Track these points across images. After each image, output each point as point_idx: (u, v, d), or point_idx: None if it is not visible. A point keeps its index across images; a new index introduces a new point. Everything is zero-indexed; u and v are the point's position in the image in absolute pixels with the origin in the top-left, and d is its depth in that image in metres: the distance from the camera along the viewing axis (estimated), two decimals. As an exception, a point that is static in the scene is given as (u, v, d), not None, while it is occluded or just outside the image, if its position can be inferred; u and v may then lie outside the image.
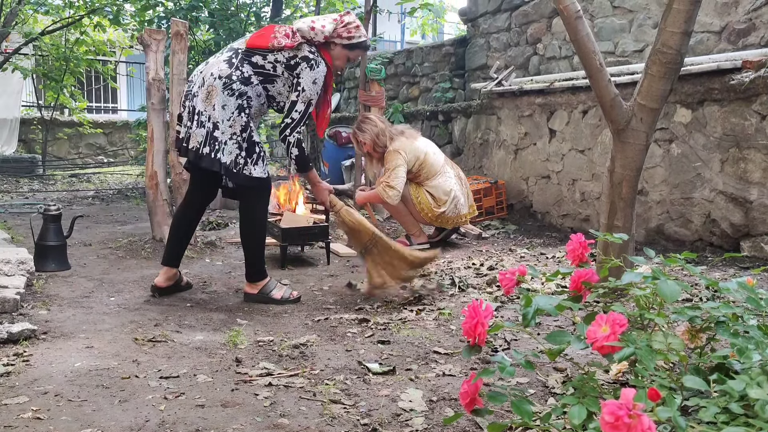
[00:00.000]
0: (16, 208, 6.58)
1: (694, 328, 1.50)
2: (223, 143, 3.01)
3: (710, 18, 4.52)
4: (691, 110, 4.15)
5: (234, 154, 3.03)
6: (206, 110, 3.02)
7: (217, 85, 3.01)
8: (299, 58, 3.09)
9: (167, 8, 7.87)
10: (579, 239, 1.56)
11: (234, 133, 3.03)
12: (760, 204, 3.76)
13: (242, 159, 3.04)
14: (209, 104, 3.02)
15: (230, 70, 3.04)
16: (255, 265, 3.24)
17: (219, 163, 3.00)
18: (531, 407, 1.30)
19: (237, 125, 3.04)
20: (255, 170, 3.08)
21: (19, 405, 1.92)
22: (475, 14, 7.15)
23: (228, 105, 3.02)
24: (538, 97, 5.48)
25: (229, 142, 3.02)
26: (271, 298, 3.23)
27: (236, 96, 3.03)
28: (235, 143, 3.03)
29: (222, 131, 3.01)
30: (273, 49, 3.09)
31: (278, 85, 3.14)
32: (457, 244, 4.84)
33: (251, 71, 3.08)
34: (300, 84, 3.09)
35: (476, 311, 1.35)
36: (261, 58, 3.09)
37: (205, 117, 3.01)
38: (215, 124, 3.00)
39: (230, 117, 3.02)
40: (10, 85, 11.32)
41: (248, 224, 3.25)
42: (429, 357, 2.42)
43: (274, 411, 1.92)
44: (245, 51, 3.12)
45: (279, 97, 3.17)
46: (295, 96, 3.11)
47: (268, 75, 3.11)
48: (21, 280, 3.16)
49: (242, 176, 3.06)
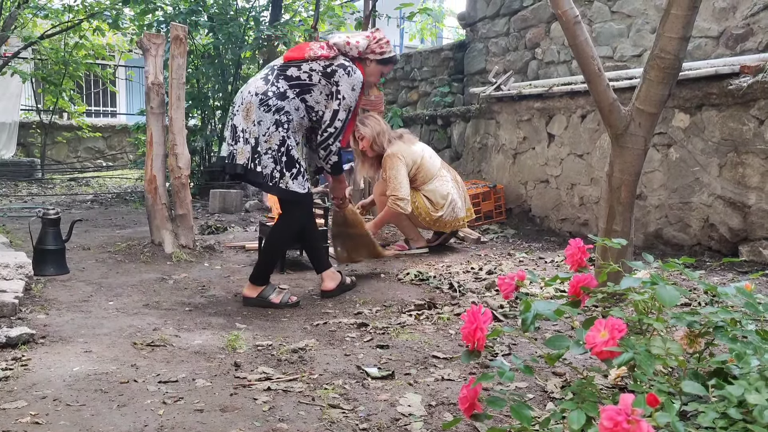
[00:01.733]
0: (14, 212, 6.57)
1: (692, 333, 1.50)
2: (260, 157, 3.11)
3: (708, 23, 4.53)
4: (689, 115, 4.17)
5: (270, 168, 3.11)
6: (248, 127, 3.11)
7: (254, 102, 3.11)
8: (336, 66, 3.17)
9: (166, 12, 7.89)
10: (578, 244, 1.57)
11: (269, 148, 3.11)
12: (759, 208, 3.76)
13: (278, 173, 3.12)
14: (249, 121, 3.11)
15: (266, 87, 3.13)
16: (261, 270, 3.30)
17: (259, 174, 3.12)
18: (530, 412, 1.30)
19: (273, 140, 3.11)
20: (292, 184, 3.15)
21: (18, 409, 1.92)
22: (474, 19, 7.17)
23: (264, 120, 3.10)
24: (537, 101, 5.49)
25: (264, 156, 3.11)
26: (269, 302, 3.25)
27: (272, 111, 3.10)
28: (270, 157, 3.11)
29: (260, 146, 3.10)
30: (308, 59, 3.17)
31: (315, 94, 3.19)
32: (455, 249, 4.84)
33: (286, 85, 3.15)
34: (340, 92, 3.17)
35: (475, 316, 1.36)
36: (296, 69, 3.17)
37: (248, 134, 3.11)
38: (256, 139, 3.10)
39: (266, 132, 3.10)
40: (9, 89, 11.33)
41: (275, 234, 3.37)
42: (428, 361, 2.42)
43: (272, 415, 1.92)
44: (281, 66, 3.21)
45: (317, 106, 3.22)
46: (336, 105, 3.18)
47: (304, 85, 3.17)
48: (19, 284, 3.15)
49: (279, 189, 3.15)
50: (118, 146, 12.84)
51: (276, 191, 3.17)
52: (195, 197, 7.32)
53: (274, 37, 7.65)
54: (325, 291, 3.45)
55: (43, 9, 9.50)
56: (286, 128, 3.13)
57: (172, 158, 4.42)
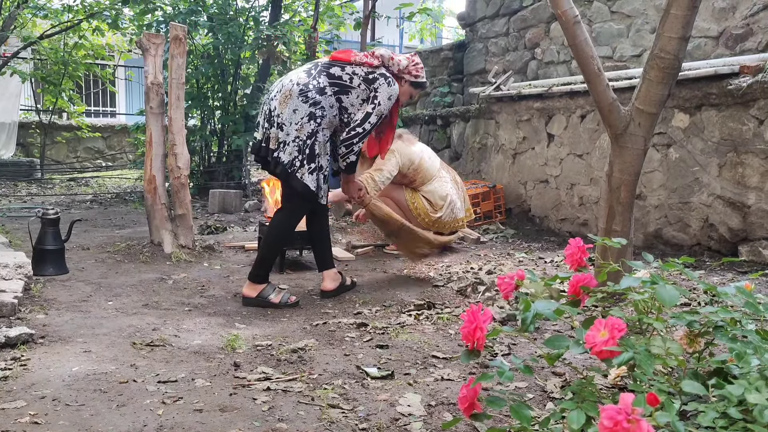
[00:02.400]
0: (14, 212, 6.57)
1: (692, 332, 1.50)
2: (286, 144, 3.16)
3: (708, 23, 4.53)
4: (689, 115, 4.17)
5: (293, 155, 3.16)
6: (283, 113, 3.17)
7: (294, 90, 3.18)
8: (378, 74, 3.27)
9: (166, 12, 7.88)
10: (577, 244, 1.56)
11: (297, 137, 3.16)
12: (758, 208, 3.76)
13: (299, 162, 3.16)
14: (285, 107, 3.17)
15: (308, 79, 3.21)
16: (261, 267, 3.31)
17: (278, 161, 3.16)
18: (530, 412, 1.30)
19: (304, 130, 3.16)
20: (307, 178, 3.18)
21: (17, 409, 1.91)
22: (474, 19, 7.17)
23: (299, 110, 3.16)
24: (537, 101, 5.49)
25: (291, 143, 3.16)
26: (268, 302, 3.26)
27: (309, 103, 3.16)
28: (296, 146, 3.16)
29: (287, 133, 3.16)
30: (353, 63, 3.28)
31: (352, 97, 3.26)
32: (455, 249, 4.84)
33: (327, 82, 3.22)
34: (377, 97, 3.25)
35: (475, 316, 1.35)
36: (339, 69, 3.26)
37: (280, 119, 3.18)
38: (288, 125, 3.16)
39: (299, 121, 3.16)
40: (9, 89, 11.32)
41: (275, 227, 3.37)
42: (427, 361, 2.42)
43: (272, 415, 1.91)
44: (325, 63, 3.31)
45: (351, 108, 3.28)
46: (371, 108, 3.25)
47: (344, 86, 3.24)
48: (19, 284, 3.15)
49: (294, 178, 3.18)
50: (118, 146, 12.83)
51: (293, 180, 3.18)
52: (194, 197, 7.32)
53: (273, 37, 7.65)
54: (325, 291, 3.45)
55: (42, 9, 9.49)
56: (318, 122, 3.19)
57: (172, 158, 4.42)
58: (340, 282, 3.48)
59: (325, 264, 3.50)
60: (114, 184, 10.05)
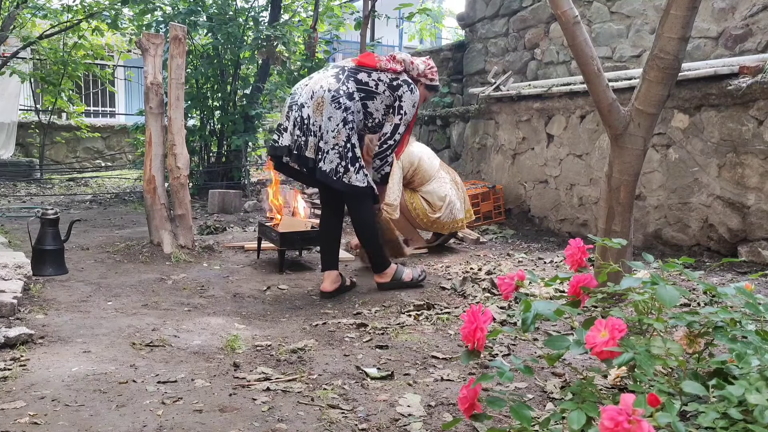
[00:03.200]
0: (13, 212, 6.57)
1: (692, 333, 1.50)
2: (325, 152, 3.25)
3: (707, 24, 4.53)
4: (688, 115, 4.17)
5: (334, 163, 3.25)
6: (317, 120, 3.25)
7: (326, 98, 3.25)
8: (401, 81, 3.38)
9: (165, 13, 7.88)
10: (578, 244, 1.56)
11: (336, 144, 3.25)
12: (758, 209, 3.77)
13: (342, 168, 3.26)
14: (319, 114, 3.25)
15: (338, 85, 3.29)
16: (378, 258, 3.49)
17: (320, 171, 3.26)
18: (530, 412, 1.30)
19: (341, 136, 3.25)
20: (354, 179, 3.29)
21: (16, 410, 1.91)
22: (473, 19, 7.17)
23: (334, 117, 3.24)
24: (536, 102, 5.49)
25: (330, 151, 3.25)
26: (402, 282, 3.51)
27: (342, 109, 3.25)
28: (337, 153, 3.25)
29: (325, 141, 3.24)
30: (378, 69, 3.38)
31: (377, 103, 3.36)
32: (455, 249, 4.84)
33: (354, 87, 3.32)
34: (402, 107, 3.37)
35: (475, 316, 1.35)
36: (366, 75, 3.36)
37: (316, 127, 3.25)
38: (322, 134, 3.24)
39: (335, 128, 3.24)
40: (8, 89, 11.31)
41: (360, 227, 3.49)
42: (427, 362, 2.42)
43: (272, 416, 1.91)
44: (352, 68, 3.40)
45: (375, 113, 3.38)
46: (398, 119, 3.38)
47: (370, 92, 3.35)
48: (18, 284, 3.15)
49: (342, 183, 3.28)
50: (117, 146, 12.82)
51: (340, 185, 3.28)
52: (194, 197, 7.32)
53: (273, 37, 7.65)
54: (324, 291, 3.47)
55: (42, 9, 9.48)
56: (351, 127, 3.28)
57: (171, 158, 4.42)
58: (339, 284, 3.49)
59: (330, 264, 3.52)
60: (113, 185, 10.05)
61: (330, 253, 3.54)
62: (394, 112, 3.38)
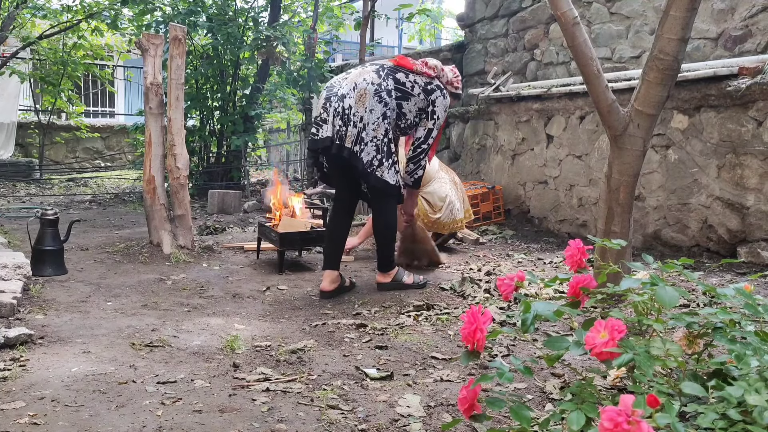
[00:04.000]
0: (13, 213, 6.56)
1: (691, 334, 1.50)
2: (364, 144, 3.30)
3: (707, 25, 4.54)
4: (687, 116, 4.17)
5: (371, 155, 3.30)
6: (359, 111, 3.30)
7: (369, 90, 3.31)
8: (434, 86, 3.45)
9: (165, 13, 7.88)
10: (577, 245, 1.57)
11: (375, 137, 3.31)
12: (757, 210, 3.77)
13: (377, 161, 3.31)
14: (362, 106, 3.30)
15: (380, 80, 3.35)
16: (386, 258, 3.55)
17: (360, 161, 3.30)
18: (529, 413, 1.30)
19: (380, 130, 3.32)
20: (387, 174, 3.33)
21: (16, 410, 1.91)
22: (473, 20, 7.17)
23: (375, 110, 3.30)
24: (536, 102, 5.49)
25: (369, 143, 3.30)
26: (403, 284, 3.56)
27: (383, 104, 3.32)
28: (374, 146, 3.31)
29: (366, 132, 3.30)
30: (415, 72, 3.44)
31: (410, 104, 3.41)
32: (454, 250, 4.84)
33: (393, 86, 3.37)
34: (435, 112, 3.43)
35: (475, 317, 1.35)
36: (404, 76, 3.42)
37: (357, 118, 3.30)
38: (364, 125, 3.29)
39: (375, 121, 3.30)
40: (8, 90, 11.31)
41: (380, 225, 3.53)
42: (427, 362, 2.42)
43: (271, 416, 1.91)
44: (391, 67, 3.45)
45: (408, 114, 3.43)
46: (431, 124, 3.45)
47: (406, 93, 3.40)
48: (18, 285, 3.15)
49: (374, 177, 3.32)
50: (117, 147, 12.82)
51: (372, 179, 3.32)
52: (193, 198, 7.32)
53: (272, 37, 7.65)
54: (324, 291, 3.47)
55: (41, 9, 9.48)
56: (389, 122, 3.36)
57: (171, 159, 4.42)
58: (338, 284, 3.49)
59: (331, 264, 3.52)
60: (113, 185, 10.05)
61: (333, 253, 3.55)
62: (427, 117, 3.44)
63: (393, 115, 3.38)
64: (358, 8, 9.13)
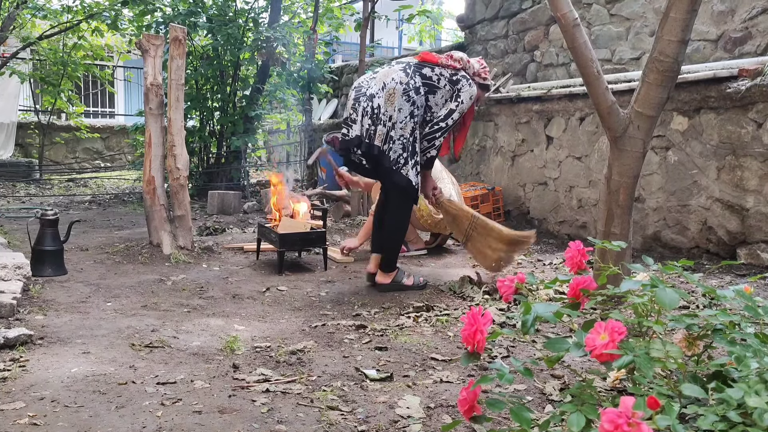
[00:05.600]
0: (12, 213, 6.56)
1: (691, 335, 1.50)
2: (393, 142, 3.40)
3: (707, 26, 4.54)
4: (687, 118, 4.17)
5: (397, 153, 3.40)
6: (388, 110, 3.39)
7: (398, 90, 3.40)
8: (460, 76, 3.51)
9: (165, 14, 7.88)
10: (577, 246, 1.57)
11: (402, 135, 3.40)
12: (757, 211, 3.77)
13: (403, 159, 3.41)
14: (390, 105, 3.39)
15: (407, 79, 3.44)
16: (390, 259, 3.60)
17: (387, 158, 3.40)
18: (529, 414, 1.30)
19: (407, 128, 3.40)
20: (410, 173, 3.42)
21: (16, 411, 1.91)
22: (473, 21, 7.17)
23: (403, 109, 3.39)
24: (536, 104, 5.50)
25: (397, 142, 3.40)
26: (403, 285, 3.60)
27: (410, 103, 3.40)
28: (401, 144, 3.40)
29: (395, 131, 3.39)
30: (440, 65, 3.52)
31: (437, 97, 3.49)
32: (454, 251, 4.84)
33: (420, 82, 3.45)
34: (460, 96, 3.49)
35: (475, 318, 1.36)
36: (429, 70, 3.49)
37: (387, 117, 3.39)
38: (393, 124, 3.39)
39: (403, 120, 3.39)
40: (8, 90, 11.31)
41: (392, 224, 3.60)
42: (426, 363, 2.42)
43: (271, 417, 1.91)
44: (416, 64, 3.54)
45: (435, 107, 3.50)
46: (454, 105, 3.49)
47: (433, 86, 3.47)
48: (17, 285, 3.15)
49: (399, 174, 3.41)
50: (117, 147, 12.82)
51: (397, 176, 3.41)
52: (193, 198, 7.31)
53: (272, 38, 7.65)
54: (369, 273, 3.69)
55: (41, 10, 9.48)
56: (416, 120, 3.43)
57: (171, 159, 4.42)
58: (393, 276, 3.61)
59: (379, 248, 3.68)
60: (113, 185, 10.05)
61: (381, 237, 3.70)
62: (451, 99, 3.49)
63: (420, 113, 3.45)
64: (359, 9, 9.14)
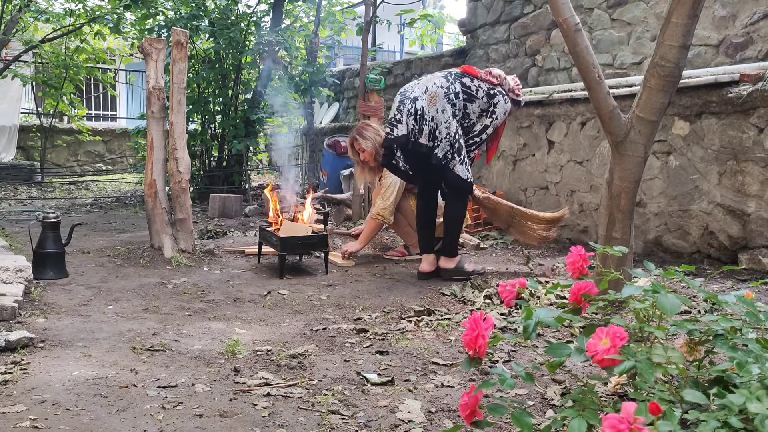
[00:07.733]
0: (14, 216, 6.57)
1: (692, 341, 1.50)
2: (439, 140, 3.75)
3: (708, 32, 4.55)
4: (689, 123, 4.18)
5: (446, 150, 3.76)
6: (430, 111, 3.75)
7: (439, 93, 3.77)
8: (497, 91, 3.85)
9: (167, 17, 7.90)
10: (579, 251, 1.57)
11: (448, 134, 3.75)
12: (758, 216, 3.77)
13: (451, 155, 3.77)
14: (432, 107, 3.75)
15: (448, 84, 3.81)
16: (452, 245, 3.94)
17: (436, 156, 3.75)
18: (531, 419, 1.30)
19: (452, 127, 3.75)
20: (459, 169, 3.77)
21: (17, 414, 1.91)
22: (474, 25, 7.19)
23: (446, 110, 3.75)
24: (537, 108, 5.50)
25: (444, 140, 3.75)
26: (465, 271, 3.89)
27: (451, 104, 3.76)
28: (448, 142, 3.76)
29: (440, 131, 3.75)
30: (480, 78, 3.85)
31: (474, 106, 3.83)
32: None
33: (460, 89, 3.81)
34: (495, 112, 3.84)
35: (477, 323, 1.36)
36: (469, 80, 3.85)
37: (429, 117, 3.75)
38: (437, 124, 3.74)
39: (447, 120, 3.75)
40: (10, 93, 11.33)
41: (451, 216, 3.94)
42: (428, 368, 2.42)
43: (272, 421, 1.91)
44: (458, 73, 3.90)
45: (472, 115, 3.84)
46: (489, 122, 3.85)
47: (471, 95, 3.82)
48: (19, 288, 3.15)
49: (449, 170, 3.78)
50: (118, 150, 12.84)
51: (448, 173, 3.77)
52: (195, 202, 7.32)
53: (274, 42, 7.67)
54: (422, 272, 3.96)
55: (44, 13, 9.50)
56: (458, 121, 3.77)
57: (173, 162, 4.43)
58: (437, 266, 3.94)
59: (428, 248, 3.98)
60: (114, 188, 10.06)
61: (427, 237, 4.00)
62: (487, 115, 3.83)
63: (460, 115, 3.78)
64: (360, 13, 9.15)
